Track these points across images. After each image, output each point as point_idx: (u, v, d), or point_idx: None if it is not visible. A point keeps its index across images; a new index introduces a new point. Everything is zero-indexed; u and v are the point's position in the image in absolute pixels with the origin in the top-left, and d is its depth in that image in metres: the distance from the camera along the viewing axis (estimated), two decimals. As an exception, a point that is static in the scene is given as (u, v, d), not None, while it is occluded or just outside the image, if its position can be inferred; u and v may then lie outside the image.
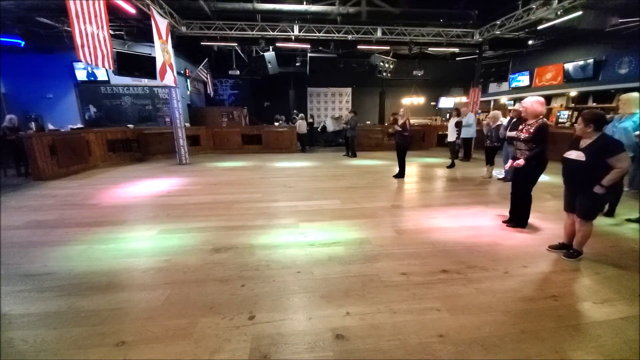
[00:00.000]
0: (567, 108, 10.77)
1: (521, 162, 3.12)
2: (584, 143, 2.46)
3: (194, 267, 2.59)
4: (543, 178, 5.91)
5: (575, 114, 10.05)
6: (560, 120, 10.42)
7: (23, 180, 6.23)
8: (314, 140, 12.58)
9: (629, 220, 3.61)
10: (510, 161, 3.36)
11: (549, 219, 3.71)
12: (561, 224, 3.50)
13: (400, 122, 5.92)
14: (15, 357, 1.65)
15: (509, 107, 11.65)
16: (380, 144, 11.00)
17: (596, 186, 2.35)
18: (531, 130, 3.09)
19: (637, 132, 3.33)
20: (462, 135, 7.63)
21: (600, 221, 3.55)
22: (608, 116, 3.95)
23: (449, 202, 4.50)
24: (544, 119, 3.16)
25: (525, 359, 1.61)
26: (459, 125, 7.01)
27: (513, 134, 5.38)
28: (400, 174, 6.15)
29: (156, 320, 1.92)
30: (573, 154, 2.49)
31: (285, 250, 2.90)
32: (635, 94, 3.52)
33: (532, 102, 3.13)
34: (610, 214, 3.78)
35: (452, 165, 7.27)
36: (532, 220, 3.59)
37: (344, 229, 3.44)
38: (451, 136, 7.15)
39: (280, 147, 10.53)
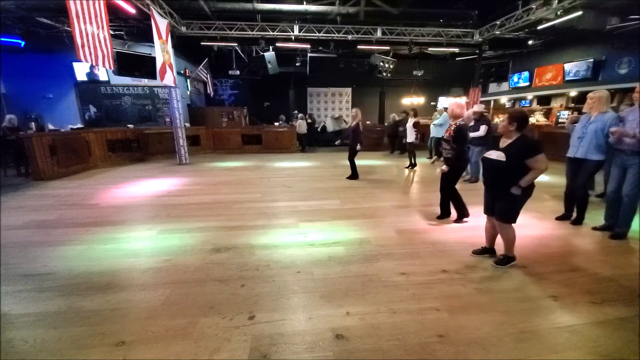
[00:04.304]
0: (567, 108, 10.77)
1: (445, 168, 3.33)
2: (504, 143, 2.35)
3: (194, 267, 2.59)
4: (543, 178, 5.95)
5: (576, 113, 10.05)
6: (560, 120, 10.43)
7: (23, 180, 6.23)
8: (314, 140, 12.57)
9: (595, 229, 3.33)
10: (444, 166, 3.47)
11: (548, 218, 3.71)
12: (559, 225, 3.53)
13: (353, 123, 5.79)
14: (15, 357, 1.65)
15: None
16: (380, 144, 11.01)
17: (513, 187, 2.25)
18: (451, 132, 3.21)
19: (613, 129, 2.92)
20: (437, 135, 7.58)
21: (579, 229, 3.44)
22: (573, 115, 3.76)
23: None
24: (463, 121, 3.26)
25: (524, 359, 1.62)
26: (417, 125, 6.98)
27: (475, 134, 5.42)
28: (354, 176, 6.01)
29: (156, 320, 1.92)
30: (493, 154, 2.36)
31: (285, 250, 2.90)
32: (604, 92, 3.21)
33: (451, 104, 3.24)
34: (579, 222, 3.50)
35: (410, 166, 7.16)
36: (530, 220, 3.61)
37: (344, 229, 3.45)
38: (410, 137, 7.07)
39: (280, 147, 10.53)
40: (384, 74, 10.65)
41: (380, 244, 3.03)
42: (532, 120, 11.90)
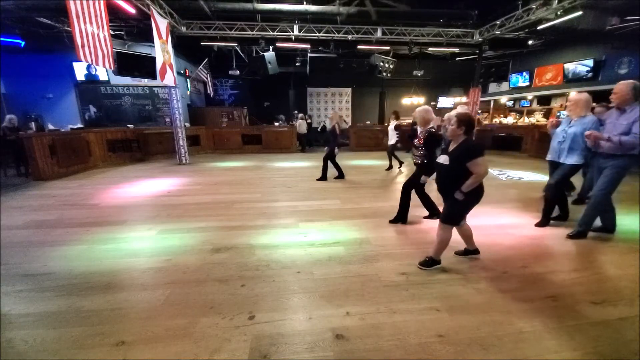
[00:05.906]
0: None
1: (425, 178, 3.33)
2: (451, 147, 2.36)
3: (194, 267, 2.59)
4: (541, 178, 5.94)
5: (555, 116, 10.06)
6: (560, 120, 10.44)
7: (23, 180, 6.23)
8: (313, 140, 12.58)
9: (570, 236, 3.15)
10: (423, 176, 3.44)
11: (549, 219, 3.70)
12: (557, 225, 3.52)
13: (329, 126, 5.82)
14: (15, 357, 1.65)
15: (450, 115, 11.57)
16: (380, 144, 11.01)
17: (456, 192, 2.26)
18: (421, 139, 3.29)
19: (587, 132, 2.85)
20: None
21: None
22: (553, 119, 3.65)
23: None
24: (433, 127, 3.29)
25: (524, 359, 1.62)
26: (398, 128, 6.97)
27: None
28: (323, 177, 5.95)
29: (156, 320, 1.92)
30: (442, 158, 2.37)
31: (285, 250, 2.90)
32: (583, 94, 3.12)
33: (419, 111, 3.31)
34: (564, 218, 3.53)
35: (390, 168, 7.14)
36: (528, 220, 3.63)
37: (344, 229, 3.45)
38: (391, 139, 7.01)
39: (280, 147, 10.55)
40: (384, 74, 10.66)
41: (380, 244, 3.03)
42: (532, 120, 11.92)
